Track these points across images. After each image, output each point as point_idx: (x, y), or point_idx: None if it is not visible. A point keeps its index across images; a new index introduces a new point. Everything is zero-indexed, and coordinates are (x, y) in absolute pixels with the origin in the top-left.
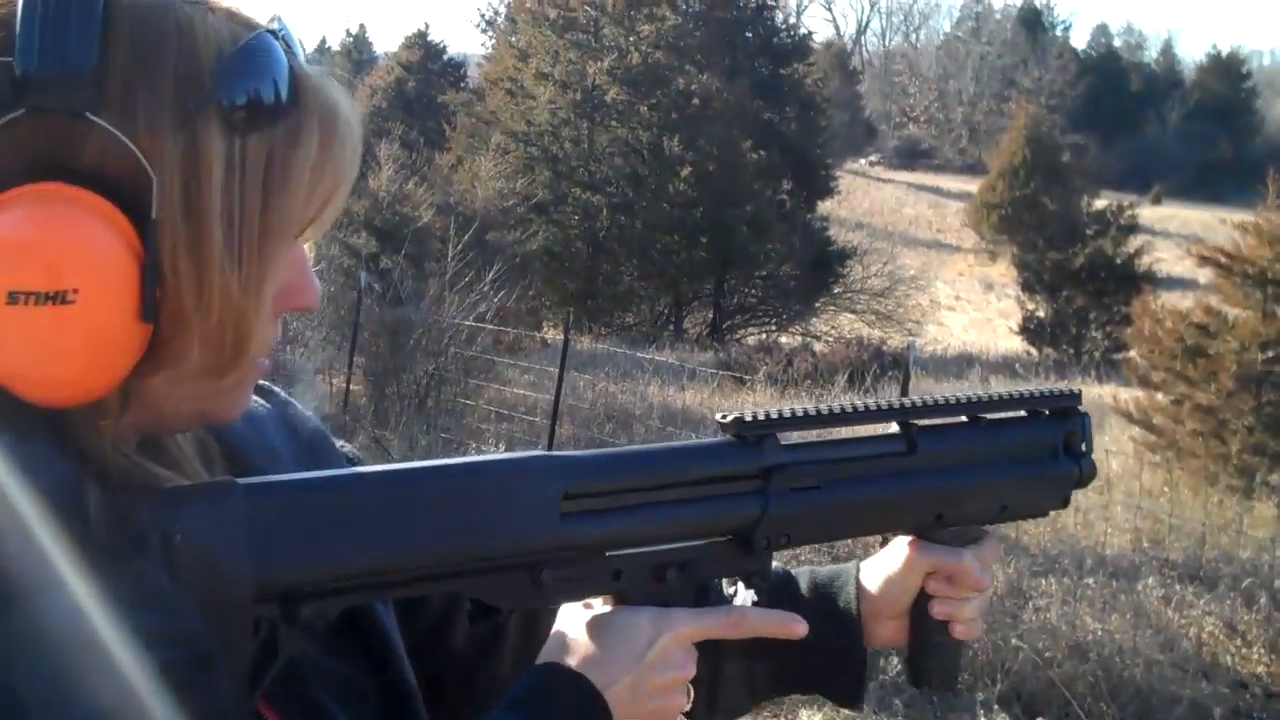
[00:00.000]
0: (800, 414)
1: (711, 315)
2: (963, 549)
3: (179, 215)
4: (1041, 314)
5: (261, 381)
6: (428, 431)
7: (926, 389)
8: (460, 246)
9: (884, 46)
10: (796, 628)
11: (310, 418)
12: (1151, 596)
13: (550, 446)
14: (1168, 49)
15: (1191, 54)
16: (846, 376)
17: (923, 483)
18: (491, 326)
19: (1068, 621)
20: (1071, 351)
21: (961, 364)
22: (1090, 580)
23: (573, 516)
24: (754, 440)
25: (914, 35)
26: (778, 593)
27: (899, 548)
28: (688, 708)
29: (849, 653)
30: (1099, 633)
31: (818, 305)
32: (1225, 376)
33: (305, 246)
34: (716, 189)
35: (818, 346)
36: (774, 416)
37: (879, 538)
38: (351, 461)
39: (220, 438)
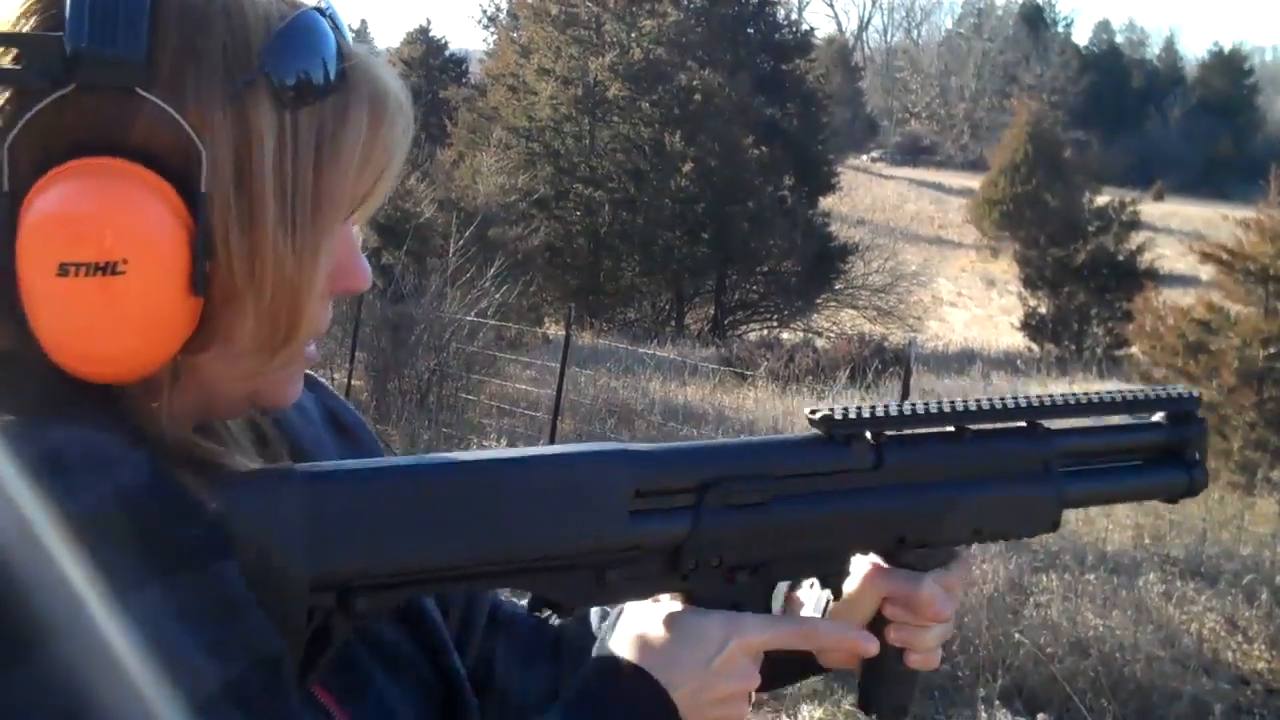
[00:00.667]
0: (895, 414)
1: (713, 311)
2: (924, 575)
3: (231, 188)
4: (1043, 310)
5: (306, 372)
6: (429, 427)
7: (927, 385)
8: (462, 242)
9: (886, 42)
10: (868, 646)
11: (351, 410)
12: (1152, 592)
13: (552, 442)
14: (1170, 45)
15: (1193, 50)
16: (848, 373)
17: (883, 501)
18: (493, 322)
19: (1069, 617)
20: (1073, 348)
21: (963, 360)
22: (1091, 576)
23: (642, 514)
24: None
25: (915, 31)
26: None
27: (858, 567)
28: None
29: (803, 671)
30: (1100, 628)
31: (819, 301)
32: (1227, 373)
33: (355, 229)
34: (718, 185)
35: (819, 342)
36: (865, 415)
37: None
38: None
39: (276, 426)
